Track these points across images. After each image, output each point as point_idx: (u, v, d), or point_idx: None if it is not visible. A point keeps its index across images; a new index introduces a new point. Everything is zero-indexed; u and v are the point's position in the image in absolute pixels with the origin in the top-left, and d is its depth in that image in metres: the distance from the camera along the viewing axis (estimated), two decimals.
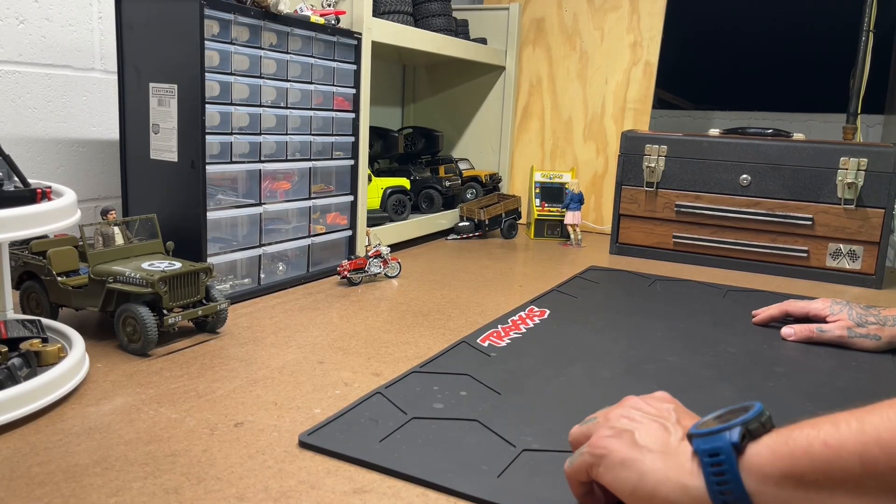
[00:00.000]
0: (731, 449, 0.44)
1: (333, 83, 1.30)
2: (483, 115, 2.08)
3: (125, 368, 0.83)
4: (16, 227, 0.74)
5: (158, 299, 0.88)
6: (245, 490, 0.58)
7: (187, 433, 0.67)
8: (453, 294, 1.24)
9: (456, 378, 0.83)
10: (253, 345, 0.93)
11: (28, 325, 0.80)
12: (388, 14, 1.59)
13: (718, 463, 0.44)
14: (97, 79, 1.27)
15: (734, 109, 2.61)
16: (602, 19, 1.96)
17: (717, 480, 0.44)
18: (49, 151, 1.21)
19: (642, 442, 0.49)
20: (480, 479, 0.60)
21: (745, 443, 0.44)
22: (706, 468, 0.45)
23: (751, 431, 0.45)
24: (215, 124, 1.08)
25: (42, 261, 0.94)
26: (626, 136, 1.67)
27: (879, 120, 2.40)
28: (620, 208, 1.69)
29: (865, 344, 1.00)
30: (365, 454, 0.63)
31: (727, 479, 0.44)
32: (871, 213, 1.45)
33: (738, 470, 0.44)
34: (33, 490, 0.56)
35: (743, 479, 0.44)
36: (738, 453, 0.44)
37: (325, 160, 1.31)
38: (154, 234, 1.00)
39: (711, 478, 0.44)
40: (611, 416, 0.54)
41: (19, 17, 1.13)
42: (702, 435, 0.46)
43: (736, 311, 1.19)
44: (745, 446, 0.44)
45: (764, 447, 0.44)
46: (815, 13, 2.39)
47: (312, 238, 1.30)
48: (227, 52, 1.08)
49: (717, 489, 0.44)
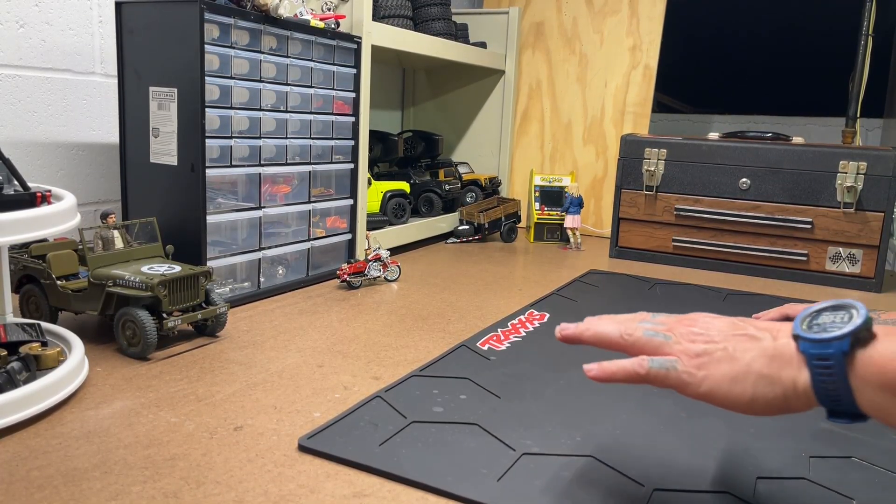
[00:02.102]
0: (841, 356, 0.47)
1: (333, 87, 1.30)
2: (483, 118, 2.08)
3: (124, 372, 0.83)
4: (15, 230, 0.74)
5: (158, 303, 0.88)
6: (244, 494, 0.57)
7: (187, 437, 0.67)
8: (453, 297, 1.24)
9: (456, 382, 0.83)
10: (252, 348, 0.93)
11: (27, 329, 0.80)
12: (388, 18, 1.59)
13: (828, 367, 0.47)
14: (97, 82, 1.27)
15: (733, 113, 2.61)
16: (601, 23, 1.97)
17: (823, 379, 0.47)
18: (49, 155, 1.21)
19: (741, 356, 0.51)
20: (480, 483, 0.60)
21: (854, 351, 0.47)
22: (814, 369, 0.48)
23: (860, 340, 0.47)
24: (215, 128, 1.08)
25: (42, 264, 0.94)
26: (625, 139, 1.67)
27: (879, 123, 2.40)
28: (620, 212, 1.69)
29: None
30: (365, 458, 0.63)
31: (835, 379, 0.47)
32: (871, 216, 1.45)
33: (846, 373, 0.47)
34: (32, 494, 0.56)
35: (849, 379, 0.47)
36: (847, 358, 0.47)
37: (324, 164, 1.31)
38: (154, 238, 1.00)
39: (818, 377, 0.47)
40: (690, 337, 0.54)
41: (20, 21, 1.13)
42: (813, 340, 0.48)
43: (736, 314, 1.18)
44: (854, 354, 0.47)
45: (869, 358, 0.46)
46: (814, 17, 2.40)
47: (312, 241, 1.30)
48: (226, 56, 1.08)
49: (823, 386, 0.47)
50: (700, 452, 0.67)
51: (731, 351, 0.52)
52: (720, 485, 0.61)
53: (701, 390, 0.52)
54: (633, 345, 0.56)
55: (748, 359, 0.51)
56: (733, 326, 0.54)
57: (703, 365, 0.52)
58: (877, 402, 0.46)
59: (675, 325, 0.56)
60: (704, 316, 0.57)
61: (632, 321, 0.58)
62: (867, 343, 0.47)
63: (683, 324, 0.56)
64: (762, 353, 0.50)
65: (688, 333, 0.54)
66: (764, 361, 0.50)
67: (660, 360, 0.54)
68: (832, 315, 0.50)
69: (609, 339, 0.57)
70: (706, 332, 0.54)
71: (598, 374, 0.56)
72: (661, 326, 0.56)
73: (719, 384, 0.51)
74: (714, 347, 0.52)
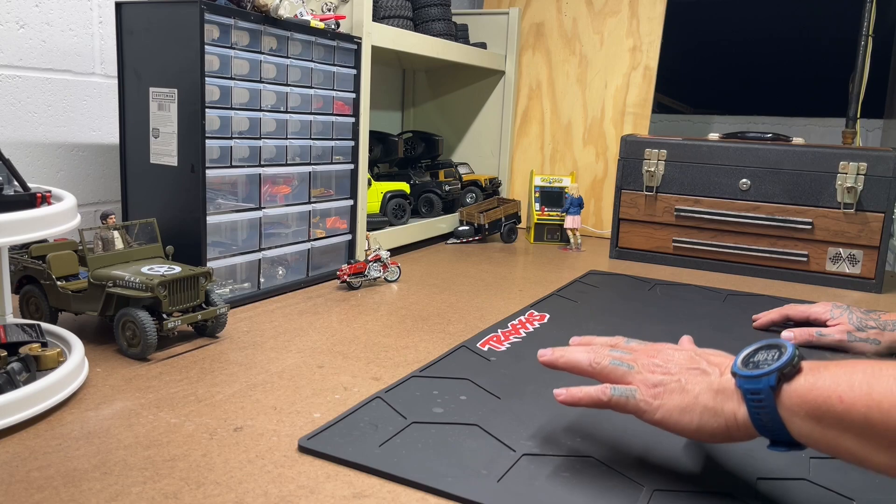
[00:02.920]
0: (769, 391, 0.53)
1: (333, 87, 1.30)
2: (483, 119, 2.08)
3: (124, 373, 0.83)
4: (15, 231, 0.74)
5: (158, 303, 0.88)
6: (244, 495, 0.57)
7: (186, 438, 0.67)
8: (453, 298, 1.24)
9: (456, 382, 0.83)
10: (252, 349, 0.93)
11: (27, 330, 0.80)
12: (388, 19, 1.59)
13: (759, 400, 0.54)
14: (97, 83, 1.27)
15: (734, 114, 2.61)
16: (601, 24, 1.97)
17: (758, 411, 0.54)
18: (49, 156, 1.21)
19: (691, 388, 0.58)
20: (480, 484, 0.59)
21: (781, 385, 0.53)
22: (749, 402, 0.54)
23: (785, 375, 0.53)
24: (215, 128, 1.08)
25: (42, 265, 0.94)
26: (625, 140, 1.67)
27: (879, 124, 2.40)
28: (620, 212, 1.69)
29: (865, 348, 1.00)
30: (364, 459, 0.63)
31: (766, 411, 0.53)
32: (871, 217, 1.45)
33: (775, 405, 0.53)
34: (32, 494, 0.56)
35: (778, 410, 0.53)
36: (775, 392, 0.53)
37: (324, 164, 1.31)
38: (154, 239, 1.00)
39: (753, 409, 0.54)
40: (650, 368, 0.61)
41: (20, 22, 1.14)
42: (745, 377, 0.55)
43: (736, 315, 1.19)
44: (781, 387, 0.53)
45: (794, 391, 0.53)
46: (814, 17, 2.40)
47: (312, 242, 1.30)
48: (227, 57, 1.08)
49: (758, 418, 0.54)
50: (700, 453, 0.67)
51: (684, 383, 0.59)
52: (720, 486, 0.61)
53: (655, 417, 0.59)
54: (599, 372, 0.63)
55: (697, 391, 0.58)
56: (690, 360, 0.61)
57: (658, 395, 0.59)
58: (805, 431, 0.52)
59: (639, 356, 0.63)
60: (668, 348, 0.64)
61: (603, 347, 0.66)
62: (792, 377, 0.53)
63: (647, 354, 0.63)
64: (709, 388, 0.57)
65: (649, 364, 0.62)
66: (710, 395, 0.57)
67: (621, 389, 0.61)
68: (765, 353, 0.56)
69: (579, 366, 0.65)
70: (665, 365, 0.61)
71: (566, 398, 0.64)
72: (627, 356, 0.64)
73: (671, 412, 0.58)
74: (669, 379, 0.60)
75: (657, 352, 0.64)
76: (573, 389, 0.63)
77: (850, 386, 0.50)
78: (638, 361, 0.63)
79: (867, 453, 0.50)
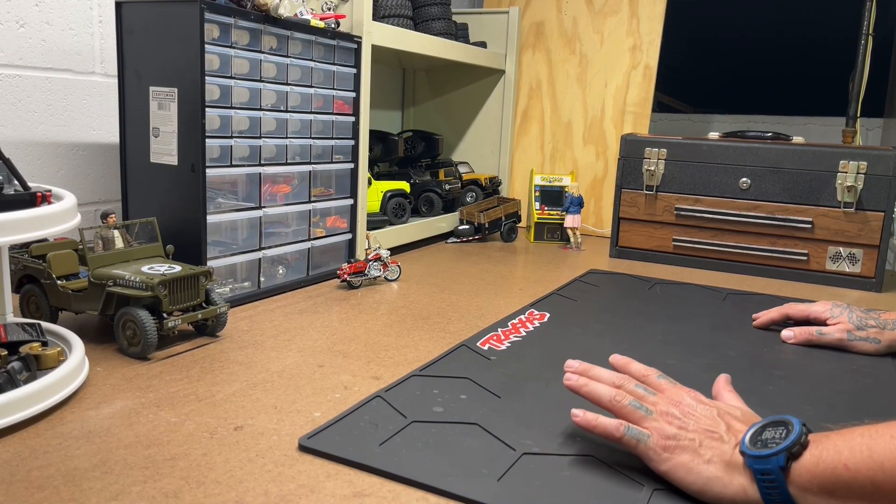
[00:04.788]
0: (779, 471, 0.54)
1: (333, 87, 1.30)
2: (483, 118, 2.08)
3: (125, 372, 0.83)
4: (16, 230, 0.74)
5: (158, 303, 0.88)
6: (244, 494, 0.57)
7: (187, 437, 0.67)
8: (453, 297, 1.24)
9: (456, 381, 0.83)
10: (253, 348, 0.93)
11: (28, 329, 0.80)
12: (388, 18, 1.59)
13: (770, 480, 0.54)
14: (97, 82, 1.27)
15: (734, 113, 2.61)
16: (602, 23, 1.97)
17: (769, 491, 0.54)
18: (49, 155, 1.21)
19: (704, 452, 0.58)
20: (480, 483, 0.60)
21: (790, 464, 0.54)
22: (760, 482, 0.55)
23: (793, 454, 0.54)
24: (215, 128, 1.08)
25: (42, 264, 0.94)
26: (625, 139, 1.67)
27: (879, 123, 2.40)
28: (620, 212, 1.69)
29: (865, 347, 1.00)
30: (365, 458, 0.63)
31: (777, 491, 0.54)
32: (871, 216, 1.45)
33: (786, 485, 0.54)
34: (32, 494, 0.56)
35: (789, 489, 0.54)
36: (785, 472, 0.54)
37: (324, 164, 1.31)
38: (154, 238, 1.00)
39: (764, 489, 0.55)
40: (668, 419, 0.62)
41: (20, 21, 1.13)
42: (754, 457, 0.55)
43: (736, 314, 1.19)
44: (790, 466, 0.54)
45: (803, 468, 0.53)
46: (814, 16, 2.40)
47: (312, 241, 1.30)
48: (227, 56, 1.08)
49: (769, 497, 0.54)
50: None
51: (697, 445, 0.59)
52: None
53: (661, 468, 0.60)
54: (619, 411, 0.64)
55: (709, 457, 0.58)
56: (711, 421, 0.61)
57: (669, 448, 0.60)
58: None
59: (660, 402, 0.64)
60: (693, 398, 0.64)
61: (630, 382, 0.67)
62: (800, 455, 0.54)
63: (670, 401, 0.64)
64: (721, 457, 0.58)
65: (667, 414, 0.62)
66: (721, 465, 0.57)
67: (635, 431, 0.61)
68: (772, 431, 0.57)
69: (601, 401, 0.66)
70: (683, 418, 0.61)
71: (581, 421, 0.64)
72: (650, 396, 0.65)
73: (677, 468, 0.59)
74: (684, 435, 0.60)
75: (680, 399, 0.64)
76: (590, 415, 0.64)
77: (852, 452, 0.51)
78: (658, 407, 0.63)
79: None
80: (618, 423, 0.62)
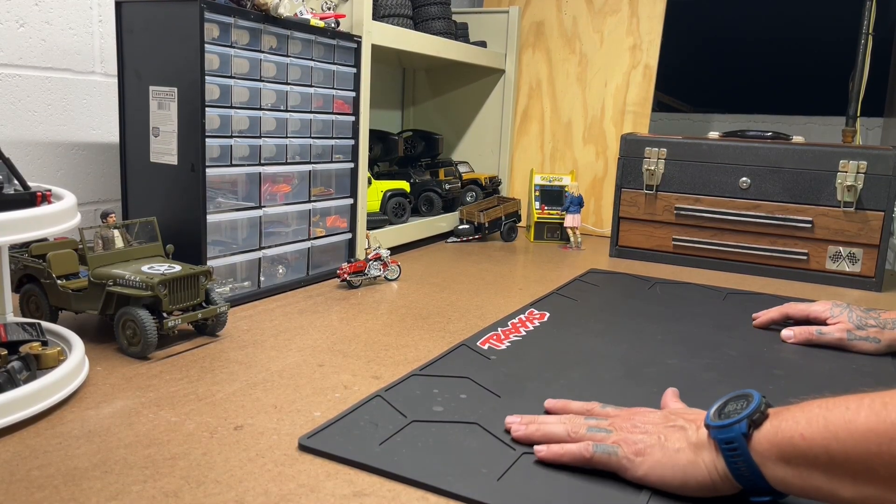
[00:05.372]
0: (742, 438, 0.55)
1: (333, 86, 1.30)
2: (483, 118, 2.08)
3: (125, 372, 0.83)
4: (16, 230, 0.74)
5: (158, 302, 0.88)
6: (244, 493, 0.57)
7: (187, 436, 0.67)
8: (453, 297, 1.24)
9: (456, 381, 0.83)
10: (252, 348, 0.93)
11: (28, 329, 0.80)
12: (388, 17, 1.59)
13: (733, 449, 0.55)
14: (97, 82, 1.27)
15: (734, 112, 2.61)
16: (602, 22, 1.97)
17: (733, 460, 0.55)
18: (49, 155, 1.21)
19: (671, 444, 0.60)
20: (480, 482, 0.60)
21: (751, 431, 0.55)
22: (724, 452, 0.56)
23: (754, 422, 0.56)
24: (215, 127, 1.08)
25: (42, 264, 0.94)
26: (625, 139, 1.67)
27: (879, 123, 2.40)
28: (620, 211, 1.69)
29: (865, 347, 1.00)
30: (365, 457, 0.63)
31: (741, 458, 0.55)
32: (871, 215, 1.45)
33: (748, 452, 0.55)
34: (32, 493, 0.56)
35: (752, 457, 0.55)
36: (747, 440, 0.55)
37: (324, 163, 1.31)
38: (154, 238, 1.00)
39: (729, 459, 0.56)
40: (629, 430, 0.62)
41: (19, 21, 1.13)
42: (717, 427, 0.57)
43: (736, 313, 1.19)
44: (752, 434, 0.55)
45: (762, 436, 0.55)
46: (814, 16, 2.40)
47: (312, 241, 1.30)
48: (227, 56, 1.08)
49: (734, 466, 0.56)
50: None
51: (663, 440, 0.60)
52: None
53: (638, 473, 0.60)
54: (580, 439, 0.64)
55: (676, 447, 0.59)
56: (665, 419, 0.63)
57: (640, 451, 0.60)
58: (779, 475, 0.54)
59: (616, 421, 0.64)
60: (644, 411, 0.66)
61: (578, 417, 0.67)
62: (761, 424, 0.55)
63: (624, 419, 0.65)
64: (687, 442, 0.59)
65: (628, 426, 0.63)
66: (689, 449, 0.59)
67: (604, 446, 0.62)
68: (735, 404, 0.58)
69: (558, 437, 0.65)
70: (643, 426, 0.62)
71: (546, 455, 0.63)
72: (604, 422, 0.65)
73: (653, 468, 0.59)
74: (648, 438, 0.61)
75: (633, 415, 0.65)
76: (554, 447, 0.63)
77: (808, 422, 0.52)
78: (615, 425, 0.64)
79: (835, 488, 0.51)
80: (585, 444, 0.62)
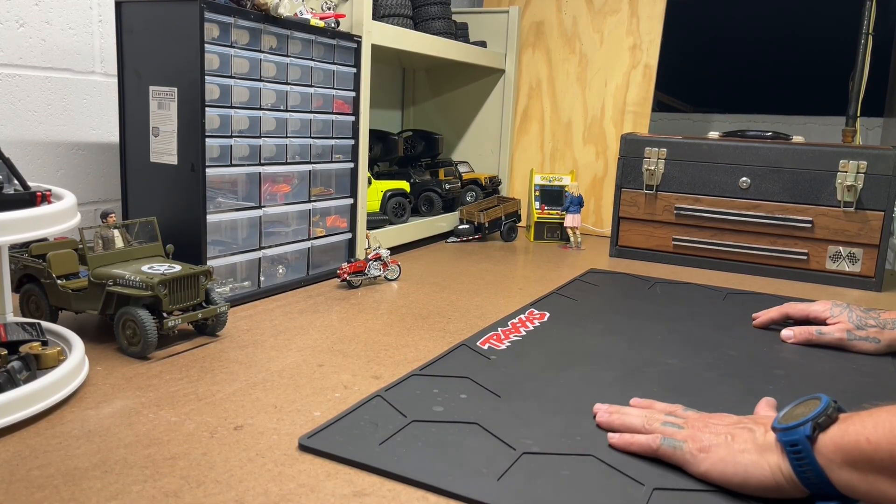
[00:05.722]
0: (806, 441, 0.56)
1: (333, 86, 1.30)
2: (483, 118, 2.08)
3: (125, 371, 0.83)
4: (16, 230, 0.74)
5: (158, 302, 0.88)
6: (244, 493, 0.57)
7: (187, 436, 0.67)
8: (453, 297, 1.24)
9: (456, 381, 0.83)
10: (252, 348, 0.93)
11: (28, 328, 0.80)
12: (388, 17, 1.59)
13: (798, 451, 0.56)
14: (97, 82, 1.27)
15: (734, 112, 2.61)
16: (601, 22, 1.97)
17: (798, 463, 0.56)
18: (49, 154, 1.21)
19: (737, 445, 0.61)
20: (480, 482, 0.60)
21: (816, 434, 0.56)
22: (789, 455, 0.57)
23: (819, 425, 0.56)
24: (215, 127, 1.08)
25: (42, 264, 0.94)
26: (625, 138, 1.67)
27: (879, 122, 2.40)
28: (620, 211, 1.69)
29: (865, 347, 1.00)
30: (365, 457, 0.63)
31: (806, 461, 0.56)
32: (871, 215, 1.45)
33: (813, 455, 0.56)
34: (32, 493, 0.56)
35: (817, 460, 0.55)
36: (812, 442, 0.56)
37: (324, 163, 1.31)
38: (154, 238, 1.00)
39: (794, 461, 0.56)
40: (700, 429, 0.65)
41: (19, 21, 1.13)
42: (783, 429, 0.58)
43: (736, 313, 1.19)
44: (817, 437, 0.56)
45: (829, 439, 0.55)
46: (814, 16, 2.40)
47: (312, 241, 1.30)
48: (226, 56, 1.08)
49: (799, 469, 0.56)
50: None
51: (730, 440, 0.62)
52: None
53: (701, 469, 0.61)
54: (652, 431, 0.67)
55: (742, 446, 0.61)
56: (738, 422, 0.65)
57: (705, 448, 0.62)
58: (845, 480, 0.54)
59: (690, 420, 0.67)
60: (722, 415, 0.68)
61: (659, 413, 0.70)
62: (827, 427, 0.56)
63: (699, 419, 0.67)
64: (754, 443, 0.60)
65: (700, 425, 0.65)
66: (755, 449, 0.60)
67: (671, 440, 0.64)
68: (803, 407, 0.59)
69: (634, 426, 0.69)
70: (714, 426, 0.64)
71: (618, 443, 0.67)
72: (679, 420, 0.67)
73: (715, 465, 0.61)
74: (716, 437, 0.63)
75: (709, 417, 0.67)
76: (626, 435, 0.67)
77: (875, 427, 0.53)
78: (689, 423, 0.66)
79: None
80: (654, 436, 0.65)
